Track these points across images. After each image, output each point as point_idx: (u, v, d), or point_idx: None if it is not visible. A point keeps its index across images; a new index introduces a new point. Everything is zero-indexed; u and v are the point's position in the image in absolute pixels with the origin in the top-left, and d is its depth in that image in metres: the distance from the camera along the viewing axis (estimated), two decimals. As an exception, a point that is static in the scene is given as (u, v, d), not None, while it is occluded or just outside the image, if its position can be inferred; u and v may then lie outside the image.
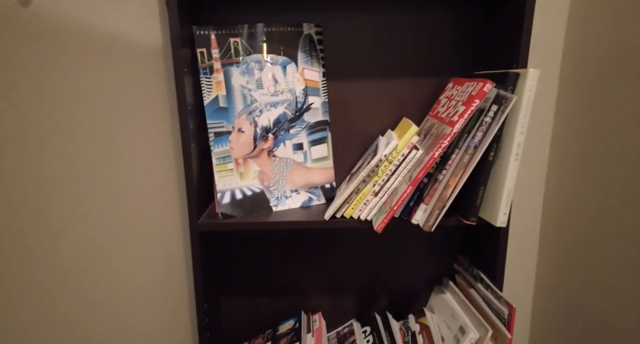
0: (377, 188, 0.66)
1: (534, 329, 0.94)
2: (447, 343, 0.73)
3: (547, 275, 0.88)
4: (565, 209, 0.81)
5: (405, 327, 0.82)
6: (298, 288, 0.88)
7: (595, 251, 0.74)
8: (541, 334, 0.91)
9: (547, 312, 0.89)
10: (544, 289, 0.90)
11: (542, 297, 0.90)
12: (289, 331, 0.80)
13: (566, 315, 0.82)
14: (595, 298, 0.74)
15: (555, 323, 0.86)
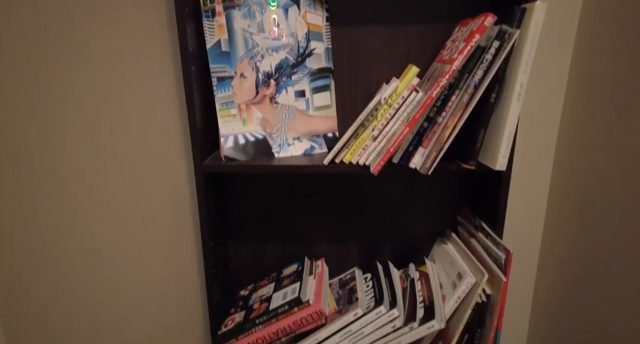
0: (375, 133, 0.66)
1: (538, 284, 0.94)
2: (445, 289, 0.75)
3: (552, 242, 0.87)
4: (574, 170, 0.79)
5: (405, 274, 0.84)
6: (303, 236, 0.90)
7: (605, 212, 0.72)
8: (545, 292, 0.91)
9: (551, 277, 0.88)
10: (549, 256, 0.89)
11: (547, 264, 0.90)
12: (292, 274, 0.83)
13: (572, 272, 0.82)
14: (601, 259, 0.73)
15: (560, 280, 0.86)
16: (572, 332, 0.82)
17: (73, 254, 0.76)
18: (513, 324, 0.96)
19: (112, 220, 0.76)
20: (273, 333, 0.71)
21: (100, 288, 0.77)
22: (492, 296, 0.68)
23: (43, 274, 0.76)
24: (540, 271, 0.92)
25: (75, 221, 0.75)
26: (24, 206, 0.76)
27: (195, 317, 0.77)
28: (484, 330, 0.70)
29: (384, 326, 0.68)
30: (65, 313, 0.75)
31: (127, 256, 0.74)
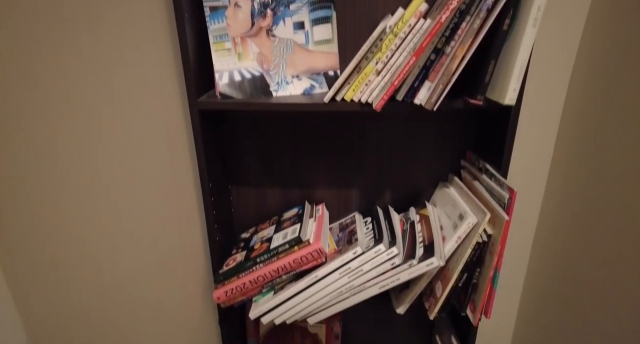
0: (380, 66, 0.62)
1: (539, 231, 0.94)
2: (446, 231, 0.74)
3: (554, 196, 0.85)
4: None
5: (405, 218, 0.84)
6: (304, 181, 0.89)
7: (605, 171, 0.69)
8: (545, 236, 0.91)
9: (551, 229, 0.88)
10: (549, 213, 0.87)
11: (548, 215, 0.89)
12: (293, 217, 0.83)
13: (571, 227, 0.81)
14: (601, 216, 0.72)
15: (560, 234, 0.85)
16: (571, 273, 0.83)
17: (69, 196, 0.75)
18: (512, 264, 0.97)
19: (107, 162, 0.75)
20: (274, 271, 0.72)
21: (98, 234, 0.77)
22: (493, 236, 0.68)
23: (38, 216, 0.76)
24: (543, 214, 0.92)
25: (70, 166, 0.74)
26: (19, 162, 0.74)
27: (197, 259, 0.78)
28: (483, 269, 0.71)
29: (383, 263, 0.68)
30: (67, 259, 0.76)
31: (125, 200, 0.74)
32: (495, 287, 0.70)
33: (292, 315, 0.72)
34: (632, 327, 0.67)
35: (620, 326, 0.70)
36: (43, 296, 0.71)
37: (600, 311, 0.75)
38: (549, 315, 0.92)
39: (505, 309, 1.03)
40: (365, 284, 0.70)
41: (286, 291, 0.73)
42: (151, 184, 0.74)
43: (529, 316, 0.99)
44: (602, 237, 0.73)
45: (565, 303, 0.85)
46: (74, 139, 0.73)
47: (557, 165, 0.86)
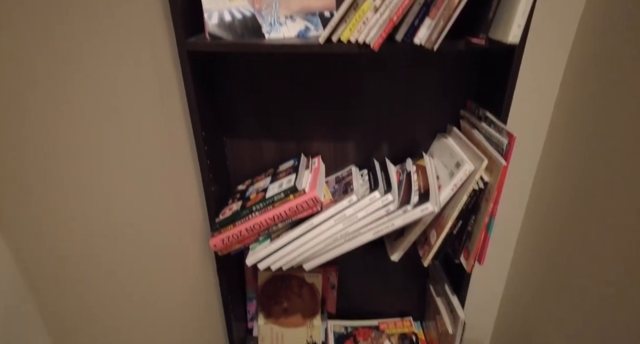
0: (377, 2, 0.58)
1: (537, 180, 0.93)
2: (442, 180, 0.74)
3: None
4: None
5: (401, 169, 0.83)
6: (300, 133, 0.88)
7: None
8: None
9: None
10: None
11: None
12: (288, 168, 0.83)
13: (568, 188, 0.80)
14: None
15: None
16: (568, 222, 0.84)
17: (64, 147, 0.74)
18: (508, 213, 0.98)
19: (96, 114, 0.73)
20: (269, 219, 0.72)
21: (91, 185, 0.76)
22: (490, 183, 0.68)
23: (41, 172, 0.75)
24: (542, 162, 0.91)
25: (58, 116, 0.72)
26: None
27: (194, 210, 0.78)
28: (478, 217, 0.71)
29: (377, 210, 0.68)
30: (60, 214, 0.76)
31: (117, 151, 0.72)
32: (490, 234, 0.70)
33: (288, 261, 0.73)
34: (627, 272, 0.68)
35: (618, 275, 0.71)
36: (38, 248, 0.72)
37: (595, 259, 0.76)
38: (543, 263, 0.94)
39: (499, 257, 1.05)
40: (360, 230, 0.70)
41: (282, 238, 0.74)
42: (143, 135, 0.73)
43: (523, 265, 1.02)
44: (602, 186, 0.73)
45: (560, 251, 0.87)
46: (59, 91, 0.71)
47: (559, 113, 0.84)
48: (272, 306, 1.05)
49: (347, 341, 1.04)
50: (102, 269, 0.47)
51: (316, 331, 1.05)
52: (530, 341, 0.99)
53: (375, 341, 1.03)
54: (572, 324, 0.83)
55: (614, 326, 0.70)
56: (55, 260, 0.67)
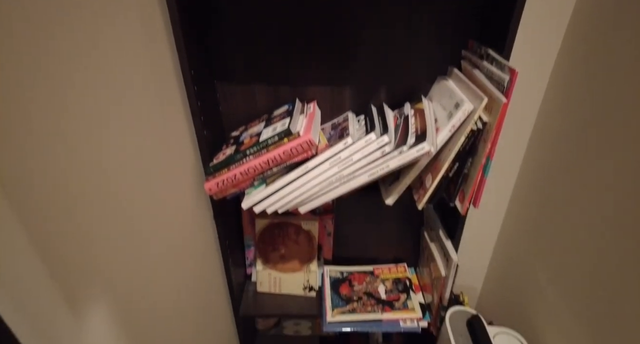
0: None
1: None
2: (440, 122, 0.72)
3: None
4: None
5: (399, 113, 0.81)
6: (294, 78, 0.85)
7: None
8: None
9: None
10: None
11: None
12: (283, 113, 0.81)
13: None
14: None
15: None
16: (569, 163, 0.83)
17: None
18: (507, 156, 0.97)
19: (82, 60, 0.69)
20: (264, 163, 0.72)
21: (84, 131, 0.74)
22: (489, 122, 0.66)
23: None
24: (545, 103, 0.89)
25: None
26: None
27: (187, 156, 0.77)
28: (475, 159, 0.70)
29: (373, 152, 0.67)
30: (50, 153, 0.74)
31: (104, 98, 0.69)
32: (486, 176, 0.70)
33: (283, 205, 0.74)
34: (620, 217, 0.68)
35: (616, 220, 0.71)
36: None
37: (593, 204, 0.77)
38: (539, 207, 0.94)
39: (495, 202, 1.06)
40: (355, 173, 0.70)
41: (277, 182, 0.73)
42: (129, 79, 0.69)
43: (519, 209, 1.03)
44: (606, 128, 0.71)
45: (558, 195, 0.87)
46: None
47: (565, 50, 0.81)
48: (269, 252, 1.08)
49: (342, 284, 1.07)
50: (94, 215, 0.47)
51: (313, 275, 1.08)
52: (523, 286, 1.02)
53: (369, 285, 1.07)
54: (565, 270, 0.85)
55: (607, 272, 0.72)
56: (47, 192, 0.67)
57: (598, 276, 0.73)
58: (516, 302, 1.04)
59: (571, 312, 0.80)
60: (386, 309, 0.99)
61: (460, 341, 0.84)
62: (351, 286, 1.07)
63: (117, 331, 0.49)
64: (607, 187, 0.70)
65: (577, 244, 0.79)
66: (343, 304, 1.01)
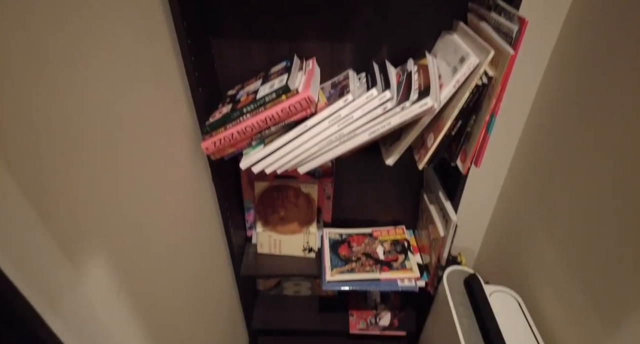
0: None
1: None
2: (444, 78, 0.69)
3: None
4: None
5: (402, 70, 0.78)
6: (293, 34, 0.81)
7: None
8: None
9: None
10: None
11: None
12: (280, 70, 0.78)
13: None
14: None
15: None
16: (575, 122, 0.82)
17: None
18: (510, 115, 0.95)
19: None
20: (261, 121, 0.70)
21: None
22: (495, 77, 0.63)
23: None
24: (554, 57, 0.86)
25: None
26: None
27: (182, 116, 0.75)
28: (479, 116, 0.68)
29: (375, 109, 0.65)
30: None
31: (95, 54, 0.66)
32: (489, 134, 0.68)
33: (282, 164, 0.72)
34: (622, 179, 0.67)
35: (616, 181, 0.70)
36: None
37: (593, 166, 0.75)
38: (540, 169, 0.94)
39: (497, 163, 1.05)
40: (355, 131, 0.68)
41: (276, 142, 0.72)
42: (120, 32, 0.66)
43: (521, 171, 1.02)
44: (614, 85, 0.69)
45: (560, 156, 0.86)
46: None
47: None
48: (269, 215, 1.08)
49: (341, 246, 1.09)
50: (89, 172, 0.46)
51: (312, 237, 1.09)
52: (521, 246, 1.03)
53: (368, 247, 1.08)
54: (564, 230, 0.85)
55: (605, 232, 0.72)
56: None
57: (596, 235, 0.73)
58: (513, 262, 1.06)
59: (567, 271, 0.81)
60: (384, 269, 1.01)
61: (457, 299, 0.86)
62: (350, 248, 1.08)
63: (118, 284, 0.50)
64: (611, 148, 0.69)
65: (576, 204, 0.79)
66: (342, 264, 1.03)
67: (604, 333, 0.70)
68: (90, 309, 0.45)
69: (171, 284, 0.68)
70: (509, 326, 0.79)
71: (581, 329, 0.76)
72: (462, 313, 0.82)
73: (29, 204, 0.36)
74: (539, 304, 0.89)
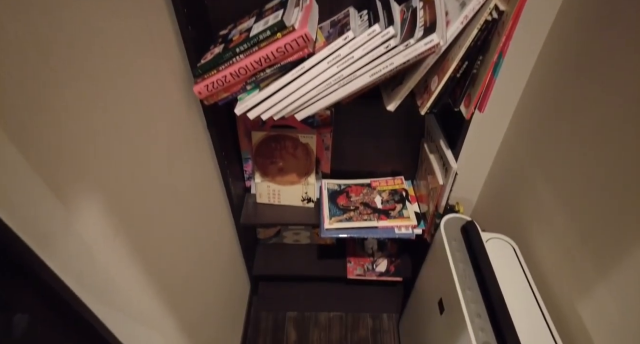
0: None
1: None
2: (452, 15, 0.64)
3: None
4: None
5: (406, 7, 0.72)
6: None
7: None
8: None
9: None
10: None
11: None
12: (275, 5, 0.72)
13: None
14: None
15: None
16: (578, 74, 0.78)
17: None
18: (517, 59, 0.91)
19: None
20: (256, 62, 0.66)
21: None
22: (506, 12, 0.59)
23: None
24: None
25: None
26: None
27: (173, 58, 0.70)
28: (486, 57, 0.64)
29: (377, 47, 0.61)
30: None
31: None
32: (496, 76, 0.65)
33: (278, 110, 0.70)
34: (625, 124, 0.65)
35: (618, 131, 0.68)
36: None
37: (598, 114, 0.73)
38: (545, 116, 0.91)
39: (500, 111, 1.03)
40: (356, 73, 0.64)
41: (271, 85, 0.68)
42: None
43: (524, 119, 1.00)
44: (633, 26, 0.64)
45: (567, 103, 0.83)
46: None
47: None
48: (267, 165, 1.07)
49: (340, 196, 1.09)
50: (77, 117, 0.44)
51: (311, 188, 1.09)
52: (519, 193, 1.04)
53: (366, 196, 1.09)
54: (564, 178, 0.84)
55: (604, 180, 0.71)
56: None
57: (595, 182, 0.73)
58: (511, 211, 1.07)
59: (565, 217, 0.82)
60: (382, 217, 1.02)
61: (454, 245, 0.87)
62: (348, 197, 1.08)
63: (114, 226, 0.49)
64: (615, 95, 0.66)
65: (578, 153, 0.78)
66: (340, 213, 1.04)
67: (595, 274, 0.72)
68: (88, 251, 0.45)
69: (170, 229, 0.68)
70: (503, 270, 0.81)
71: (573, 271, 0.78)
72: (458, 259, 0.84)
73: (14, 147, 0.34)
74: (534, 250, 0.91)
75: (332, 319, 1.36)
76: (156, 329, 0.62)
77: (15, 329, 0.40)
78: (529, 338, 0.71)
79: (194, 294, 0.80)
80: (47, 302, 0.41)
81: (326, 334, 1.32)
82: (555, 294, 0.82)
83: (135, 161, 0.54)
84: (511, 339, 0.68)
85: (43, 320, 0.42)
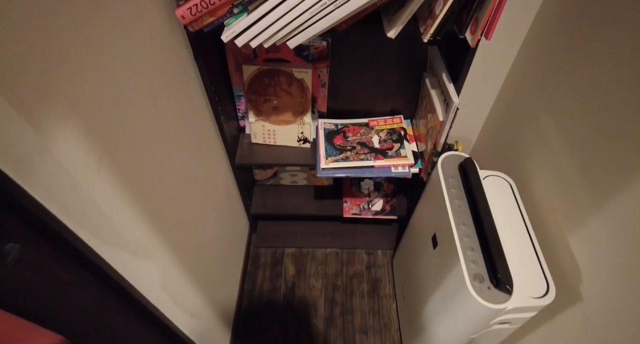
0: None
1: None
2: None
3: None
4: None
5: None
6: None
7: None
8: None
9: None
10: None
11: None
12: None
13: None
14: None
15: None
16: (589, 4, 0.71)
17: None
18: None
19: None
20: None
21: None
22: None
23: None
24: None
25: None
26: None
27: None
28: (498, -28, 0.58)
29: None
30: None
31: None
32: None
33: (269, 36, 0.64)
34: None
35: (624, 67, 0.63)
36: None
37: (608, 47, 0.67)
38: (554, 48, 0.85)
39: (507, 43, 0.96)
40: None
41: (261, 8, 0.62)
42: None
43: (532, 51, 0.94)
44: None
45: (579, 34, 0.77)
46: None
47: None
48: (261, 103, 1.03)
49: (336, 136, 1.06)
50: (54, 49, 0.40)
51: (307, 127, 1.06)
52: (520, 129, 1.01)
53: (364, 136, 1.06)
54: (567, 114, 0.81)
55: (607, 116, 0.68)
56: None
57: (597, 118, 0.70)
58: (510, 147, 1.05)
59: (567, 152, 0.80)
60: (379, 157, 1.00)
61: (450, 182, 0.87)
62: (345, 137, 1.06)
63: (97, 157, 0.47)
64: (624, 34, 0.60)
65: (589, 83, 0.74)
66: (337, 153, 1.02)
67: (589, 202, 0.71)
68: (72, 180, 0.43)
69: (159, 163, 0.66)
70: (498, 206, 0.81)
71: (569, 201, 0.78)
72: (454, 195, 0.84)
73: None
74: (531, 185, 0.91)
75: (328, 255, 1.41)
76: (152, 261, 0.63)
77: (6, 257, 0.39)
78: (520, 269, 0.73)
79: (190, 229, 0.81)
80: (37, 231, 0.40)
81: (323, 269, 1.38)
82: (548, 227, 0.83)
83: (112, 85, 0.51)
84: (502, 271, 0.70)
85: (37, 250, 0.42)
